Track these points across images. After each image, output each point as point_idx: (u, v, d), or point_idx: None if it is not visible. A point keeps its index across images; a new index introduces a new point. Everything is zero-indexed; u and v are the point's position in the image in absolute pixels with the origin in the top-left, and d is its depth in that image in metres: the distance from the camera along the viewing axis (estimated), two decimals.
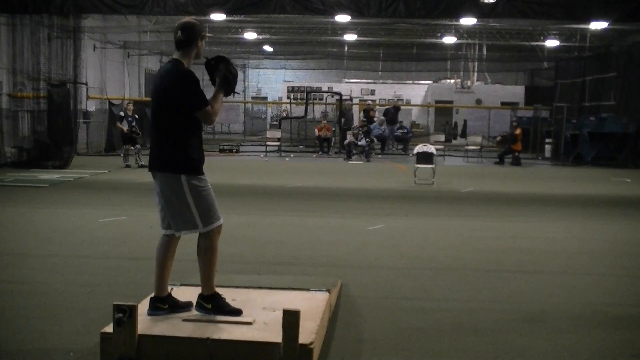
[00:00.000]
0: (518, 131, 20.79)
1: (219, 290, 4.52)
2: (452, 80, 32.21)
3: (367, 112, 26.08)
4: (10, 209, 10.07)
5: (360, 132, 21.65)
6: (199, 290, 4.53)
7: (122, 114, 17.80)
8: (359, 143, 21.31)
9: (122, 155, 17.83)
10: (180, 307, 4.48)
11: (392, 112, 25.76)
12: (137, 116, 18.52)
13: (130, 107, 18.09)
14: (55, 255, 7.11)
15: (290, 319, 3.75)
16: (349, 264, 6.96)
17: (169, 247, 4.48)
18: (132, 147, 17.39)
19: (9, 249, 7.34)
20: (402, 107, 27.93)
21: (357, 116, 27.91)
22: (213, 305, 4.41)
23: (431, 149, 14.86)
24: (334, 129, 24.86)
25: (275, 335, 3.87)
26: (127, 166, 17.10)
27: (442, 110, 31.47)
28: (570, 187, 15.26)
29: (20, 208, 10.22)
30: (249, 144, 26.21)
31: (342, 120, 24.81)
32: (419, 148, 14.88)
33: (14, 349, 4.33)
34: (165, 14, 18.44)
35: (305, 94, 27.97)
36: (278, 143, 22.84)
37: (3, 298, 5.47)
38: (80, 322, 4.87)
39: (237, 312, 4.41)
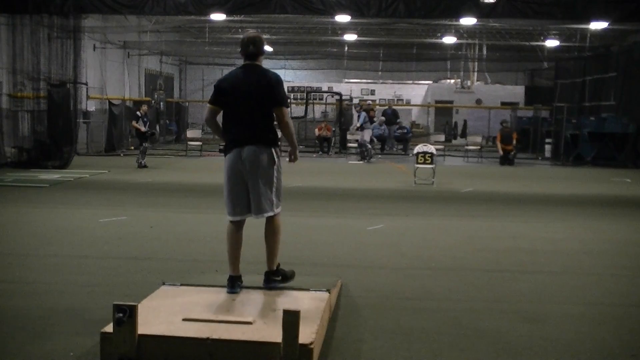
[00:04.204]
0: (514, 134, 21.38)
1: (218, 290, 4.77)
2: (452, 80, 32.19)
3: (367, 112, 26.02)
4: (10, 209, 10.07)
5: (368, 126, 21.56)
6: (199, 290, 4.80)
7: (139, 114, 17.79)
8: (366, 139, 21.20)
9: (138, 153, 17.52)
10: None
11: (390, 114, 25.76)
12: (149, 116, 18.62)
13: (145, 108, 18.10)
14: (55, 255, 7.11)
15: (290, 319, 3.75)
16: (349, 264, 6.95)
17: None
18: (146, 145, 17.45)
19: (9, 249, 7.33)
20: (401, 107, 27.91)
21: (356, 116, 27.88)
22: (281, 276, 5.14)
23: (431, 149, 14.86)
24: (334, 129, 24.85)
25: (275, 335, 3.87)
26: (145, 166, 17.01)
27: (442, 110, 31.45)
28: (570, 187, 15.26)
29: (20, 208, 10.21)
30: None
31: (342, 120, 24.80)
32: (419, 148, 14.88)
33: (14, 349, 4.33)
34: (165, 14, 18.40)
35: (305, 94, 27.95)
36: None
37: (3, 298, 5.47)
38: (80, 322, 4.86)
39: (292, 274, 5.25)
